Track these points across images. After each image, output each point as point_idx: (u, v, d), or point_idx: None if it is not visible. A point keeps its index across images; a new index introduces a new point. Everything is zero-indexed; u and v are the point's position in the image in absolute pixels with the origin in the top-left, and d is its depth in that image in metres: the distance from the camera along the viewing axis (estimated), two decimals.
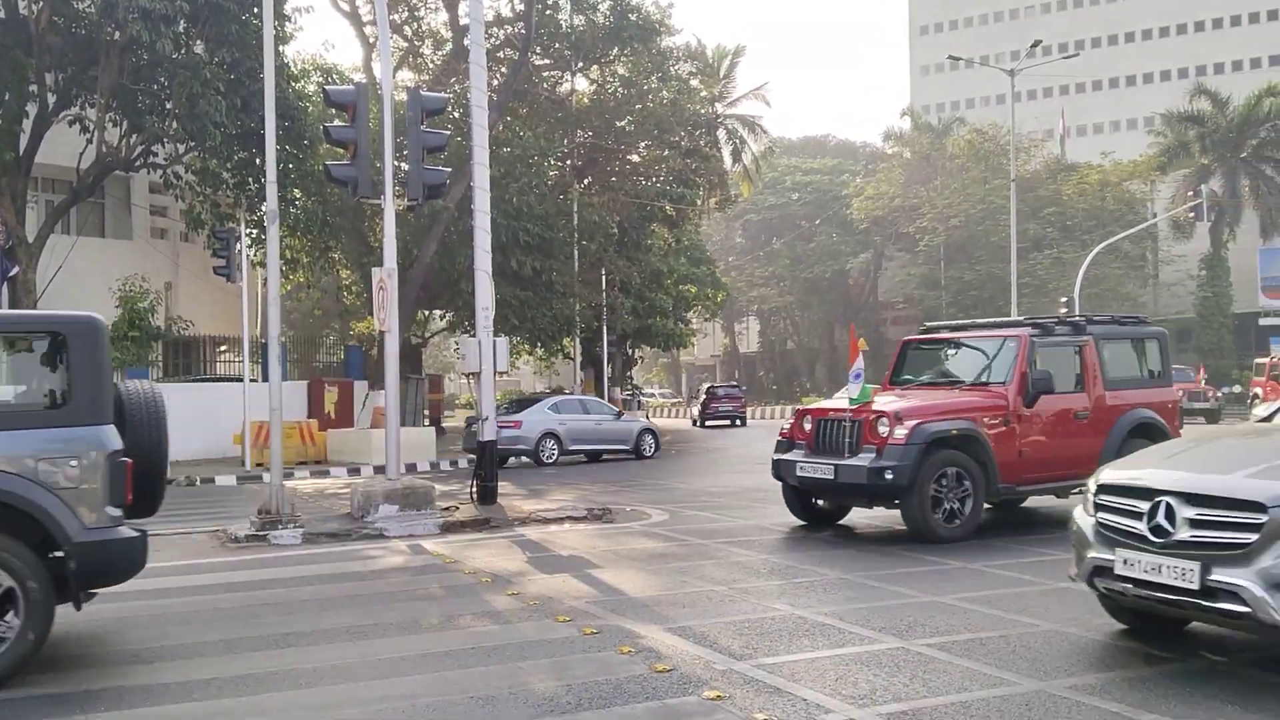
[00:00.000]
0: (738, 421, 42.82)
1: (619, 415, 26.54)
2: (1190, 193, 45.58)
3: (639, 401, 41.44)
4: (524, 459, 23.48)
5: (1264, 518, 5.20)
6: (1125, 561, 5.80)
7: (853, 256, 65.98)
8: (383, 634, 7.20)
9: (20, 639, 5.96)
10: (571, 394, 30.01)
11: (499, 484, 14.69)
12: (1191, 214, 43.46)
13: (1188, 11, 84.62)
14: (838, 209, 63.90)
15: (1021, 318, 13.84)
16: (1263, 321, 50.21)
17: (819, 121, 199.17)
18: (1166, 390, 12.33)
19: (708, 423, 42.50)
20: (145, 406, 6.91)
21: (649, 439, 25.65)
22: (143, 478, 6.63)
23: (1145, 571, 5.66)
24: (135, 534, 6.45)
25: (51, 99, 21.56)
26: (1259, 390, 33.89)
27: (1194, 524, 5.48)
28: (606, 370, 35.98)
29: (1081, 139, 78.45)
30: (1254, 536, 5.22)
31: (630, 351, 45.59)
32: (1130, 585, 5.77)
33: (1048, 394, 11.02)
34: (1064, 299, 42.75)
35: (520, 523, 12.95)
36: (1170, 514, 5.56)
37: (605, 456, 24.91)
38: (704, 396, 44.81)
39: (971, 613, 7.46)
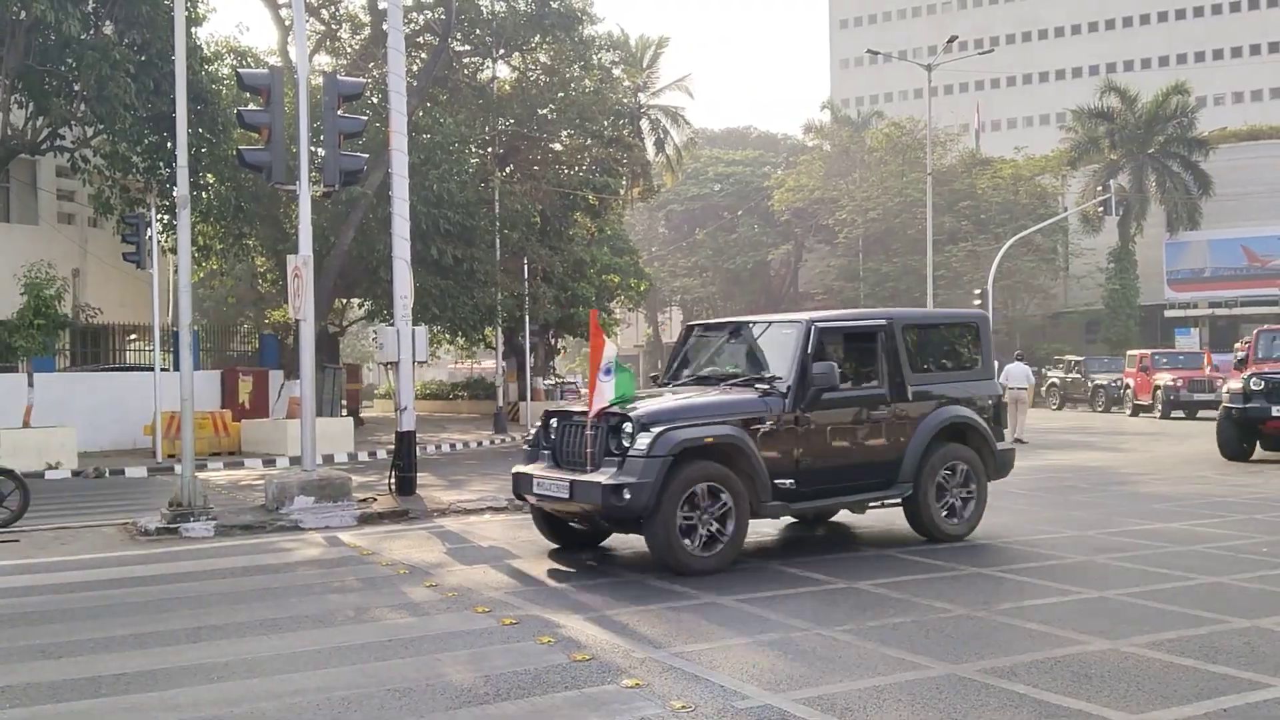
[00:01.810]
0: None
1: None
2: (1099, 187, 46.73)
3: (562, 392, 41.28)
4: None
5: None
6: None
7: (774, 248, 66.47)
8: (297, 627, 7.10)
9: None
10: None
11: (419, 474, 14.56)
12: (1100, 208, 44.56)
13: (1099, 10, 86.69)
14: (759, 200, 64.32)
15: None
16: (1168, 314, 51.74)
17: (741, 113, 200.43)
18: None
19: None
20: None
21: None
22: None
23: None
24: None
25: None
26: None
27: None
28: (529, 360, 35.79)
29: (996, 134, 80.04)
30: None
31: (553, 341, 45.42)
32: None
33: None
34: (978, 291, 43.61)
35: (440, 514, 12.85)
36: None
37: None
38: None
39: (887, 599, 7.59)
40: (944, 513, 9.88)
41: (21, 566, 9.68)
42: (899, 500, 9.84)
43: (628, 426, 8.62)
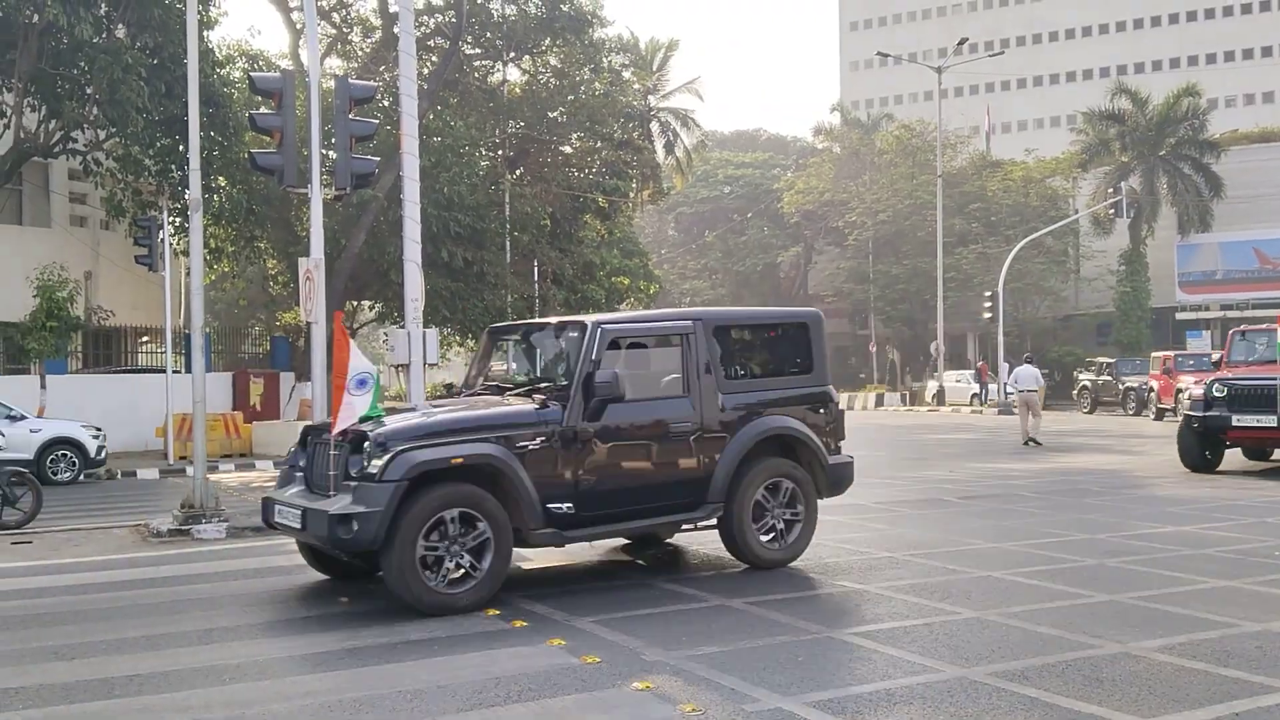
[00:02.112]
0: None
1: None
2: (1110, 190, 46.59)
3: None
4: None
5: None
6: None
7: (783, 250, 66.46)
8: (307, 628, 7.13)
9: None
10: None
11: None
12: (1111, 210, 44.44)
13: (1110, 12, 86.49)
14: (769, 203, 64.31)
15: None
16: (1179, 316, 51.55)
17: (751, 116, 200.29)
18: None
19: None
20: None
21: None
22: None
23: None
24: None
25: None
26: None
27: None
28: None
29: (1006, 136, 79.86)
30: None
31: None
32: None
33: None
34: (988, 293, 43.54)
35: None
36: None
37: None
38: None
39: (896, 601, 7.58)
40: (765, 536, 8.82)
41: (35, 568, 9.75)
42: (714, 524, 8.77)
43: (368, 446, 7.59)
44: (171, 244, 22.91)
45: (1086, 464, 18.41)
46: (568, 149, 36.29)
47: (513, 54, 33.46)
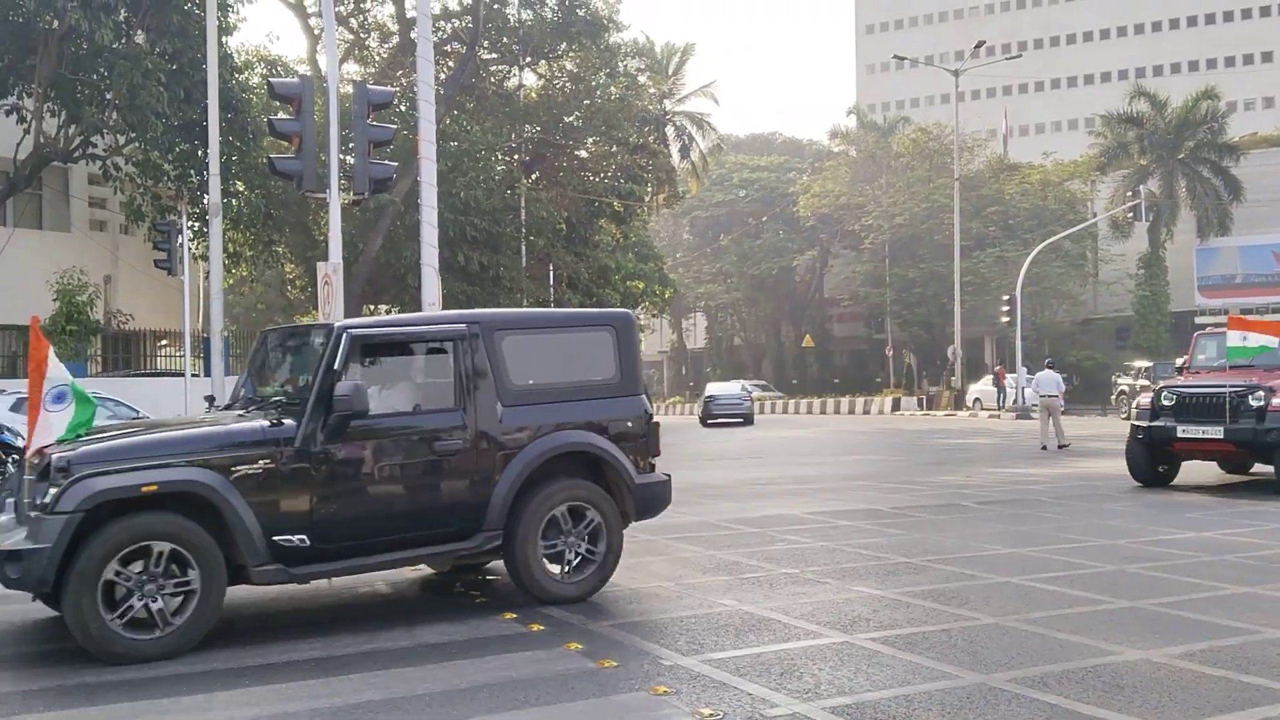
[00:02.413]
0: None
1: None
2: (1129, 193, 46.42)
3: None
4: None
5: None
6: None
7: (799, 254, 66.39)
8: (330, 630, 7.14)
9: None
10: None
11: None
12: (1130, 214, 44.26)
13: (1128, 14, 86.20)
14: (784, 206, 64.26)
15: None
16: (1199, 320, 51.29)
17: (766, 119, 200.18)
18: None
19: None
20: None
21: None
22: None
23: None
24: None
25: None
26: None
27: None
28: None
29: (1024, 139, 79.65)
30: None
31: None
32: None
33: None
34: (1006, 297, 43.39)
35: None
36: None
37: None
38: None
39: (914, 607, 7.56)
40: (556, 567, 7.85)
41: None
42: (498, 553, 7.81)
43: (54, 473, 6.51)
44: (190, 248, 23.06)
45: (1107, 469, 18.30)
46: (583, 153, 36.40)
47: (529, 59, 33.58)
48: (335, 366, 7.09)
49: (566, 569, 7.85)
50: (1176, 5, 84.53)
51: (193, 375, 22.10)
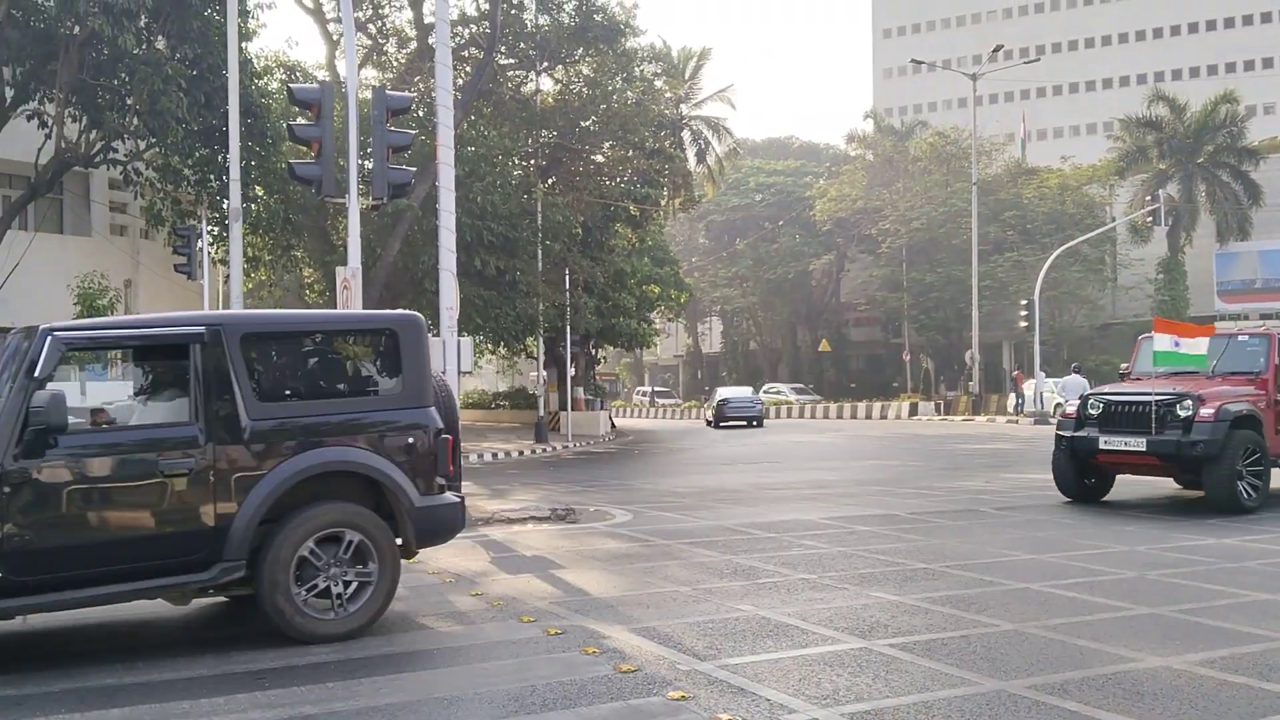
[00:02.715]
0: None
1: None
2: (1148, 197, 46.21)
3: (601, 403, 41.42)
4: None
5: None
6: None
7: (815, 258, 66.27)
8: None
9: None
10: None
11: (463, 483, 14.64)
12: (1149, 218, 44.04)
13: (1146, 18, 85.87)
14: (801, 210, 64.18)
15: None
16: (1219, 325, 51.01)
17: (783, 123, 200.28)
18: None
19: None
20: None
21: None
22: None
23: None
24: None
25: (9, 93, 21.24)
26: None
27: None
28: (570, 370, 35.95)
29: (1042, 143, 79.42)
30: None
31: (594, 351, 45.58)
32: None
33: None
34: (1024, 301, 43.21)
35: (484, 523, 12.94)
36: None
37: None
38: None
39: (933, 613, 7.54)
40: (317, 602, 6.95)
41: None
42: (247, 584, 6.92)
43: None
44: (210, 253, 23.17)
45: (1127, 474, 18.20)
46: (599, 158, 36.41)
47: (546, 64, 33.63)
48: (36, 374, 6.33)
49: (330, 603, 6.96)
50: (1195, 9, 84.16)
51: None
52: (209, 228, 23.24)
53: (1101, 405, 13.45)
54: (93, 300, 22.07)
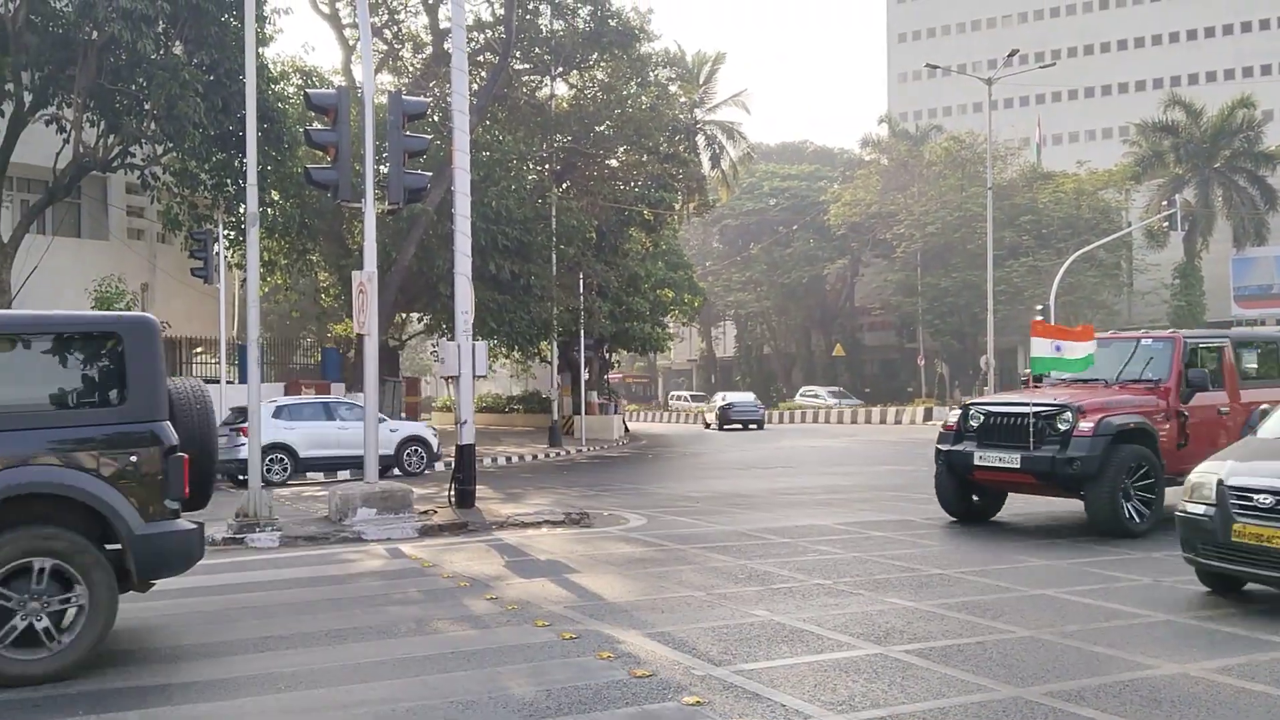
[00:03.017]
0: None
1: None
2: (1164, 202, 46.03)
3: (616, 406, 41.47)
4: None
5: None
6: None
7: (830, 262, 66.19)
8: (361, 638, 7.19)
9: None
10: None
11: (477, 487, 14.70)
12: (1165, 223, 43.86)
13: (1163, 22, 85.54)
14: (815, 215, 64.12)
15: None
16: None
17: (797, 128, 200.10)
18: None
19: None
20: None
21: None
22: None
23: None
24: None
25: (28, 98, 21.39)
26: None
27: None
28: (584, 374, 35.98)
29: (1057, 147, 79.12)
30: None
31: (607, 355, 45.62)
32: None
33: None
34: (1039, 306, 43.06)
35: (498, 526, 12.96)
36: None
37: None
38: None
39: (949, 619, 7.52)
40: (11, 641, 6.17)
41: None
42: None
43: None
44: (226, 257, 23.26)
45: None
46: (614, 162, 36.48)
47: (560, 69, 33.70)
48: None
49: (31, 641, 6.19)
50: (1212, 13, 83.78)
51: (228, 382, 22.30)
52: (225, 232, 23.34)
53: (981, 417, 12.41)
54: (110, 303, 22.17)
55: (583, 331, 33.48)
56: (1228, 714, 5.38)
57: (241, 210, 21.28)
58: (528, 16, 30.68)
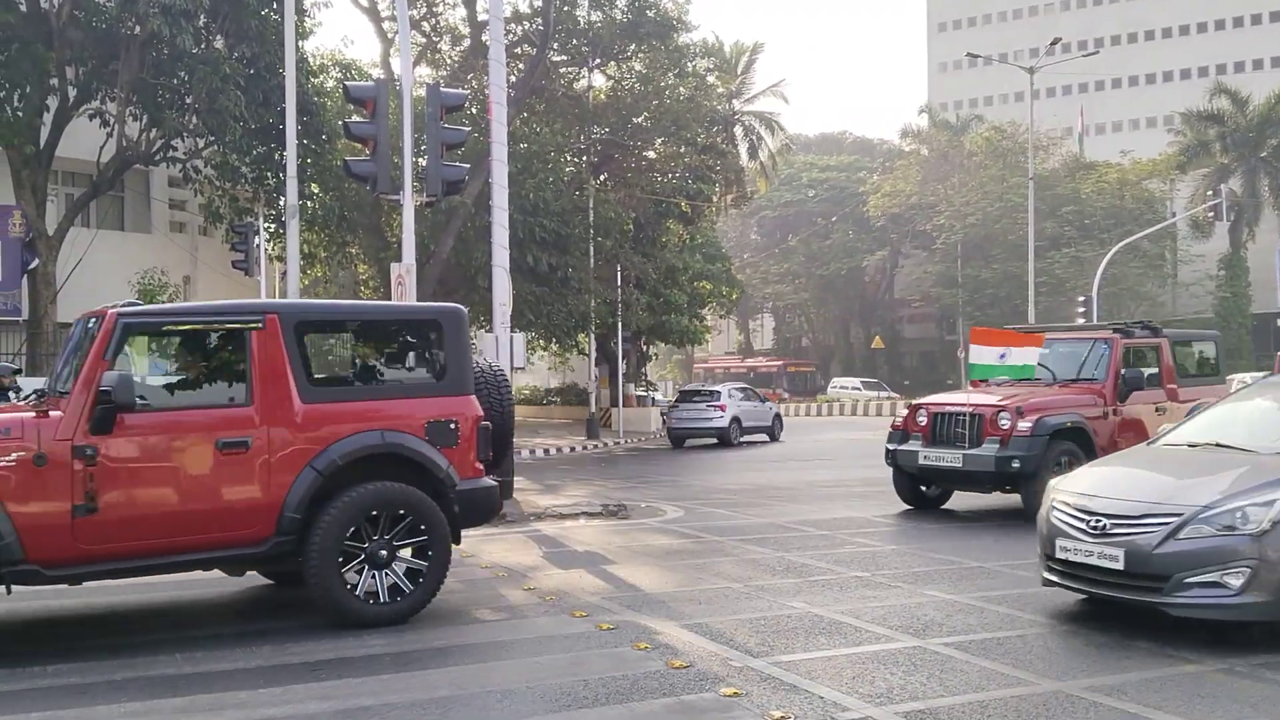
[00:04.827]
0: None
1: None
2: (1210, 192, 45.40)
3: (653, 399, 41.46)
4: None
5: None
6: None
7: (869, 254, 65.82)
8: (398, 627, 7.23)
9: None
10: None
11: (515, 479, 14.74)
12: (1211, 214, 43.27)
13: (1207, 10, 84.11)
14: (854, 206, 63.77)
15: None
16: None
17: (836, 118, 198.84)
18: None
19: None
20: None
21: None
22: None
23: None
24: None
25: (72, 93, 21.65)
26: None
27: None
28: (621, 366, 35.98)
29: (1100, 137, 78.13)
30: None
31: (645, 348, 45.60)
32: None
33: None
34: (1082, 298, 42.61)
35: (536, 518, 13.00)
36: None
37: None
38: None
39: (989, 612, 7.46)
40: None
41: None
42: None
43: None
44: (266, 249, 23.44)
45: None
46: (651, 154, 36.39)
47: (598, 60, 33.65)
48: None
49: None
50: (1257, 0, 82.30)
51: None
52: (266, 224, 23.54)
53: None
54: (153, 296, 22.42)
55: (620, 324, 33.47)
56: (1270, 708, 5.30)
57: (282, 203, 21.42)
58: (565, 8, 30.66)
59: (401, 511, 7.18)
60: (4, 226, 21.30)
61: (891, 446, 12.94)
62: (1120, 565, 6.64)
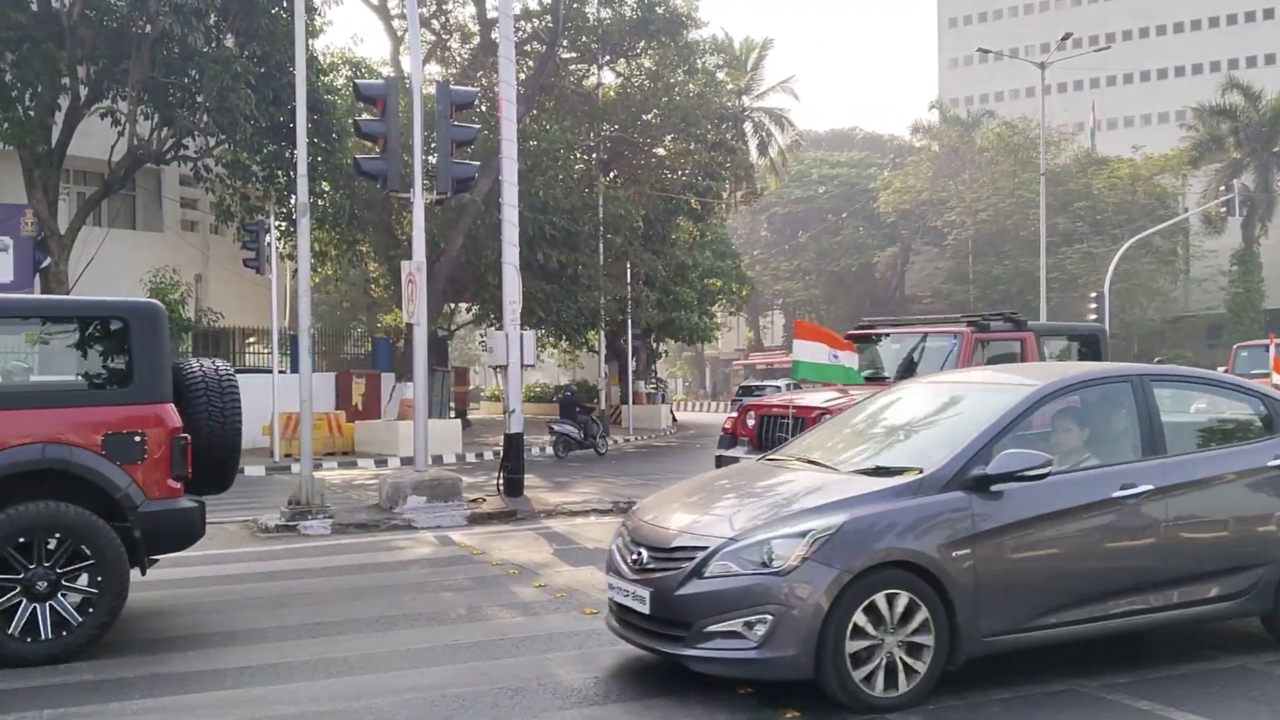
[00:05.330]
0: None
1: None
2: (1222, 187, 45.18)
3: (664, 395, 41.48)
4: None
5: None
6: None
7: (880, 250, 65.66)
8: (411, 624, 7.25)
9: None
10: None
11: (525, 476, 14.75)
12: (1223, 209, 43.10)
13: (1220, 4, 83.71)
14: (865, 202, 63.63)
15: None
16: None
17: (846, 114, 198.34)
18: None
19: None
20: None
21: None
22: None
23: None
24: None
25: (83, 92, 21.72)
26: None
27: None
28: (631, 364, 36.00)
29: (1112, 132, 77.85)
30: None
31: (655, 345, 45.59)
32: None
33: None
34: (1094, 294, 42.50)
35: (546, 515, 13.00)
36: None
37: None
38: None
39: None
40: None
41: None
42: None
43: None
44: (277, 248, 23.49)
45: None
46: (661, 151, 36.38)
47: (608, 57, 33.66)
48: None
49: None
50: None
51: (280, 372, 22.54)
52: (277, 223, 23.57)
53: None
54: (164, 294, 22.48)
55: (630, 321, 33.47)
56: None
57: (292, 201, 21.48)
58: (575, 5, 30.67)
59: (59, 535, 6.29)
60: (16, 225, 21.37)
61: (720, 452, 11.86)
62: (647, 609, 5.49)
